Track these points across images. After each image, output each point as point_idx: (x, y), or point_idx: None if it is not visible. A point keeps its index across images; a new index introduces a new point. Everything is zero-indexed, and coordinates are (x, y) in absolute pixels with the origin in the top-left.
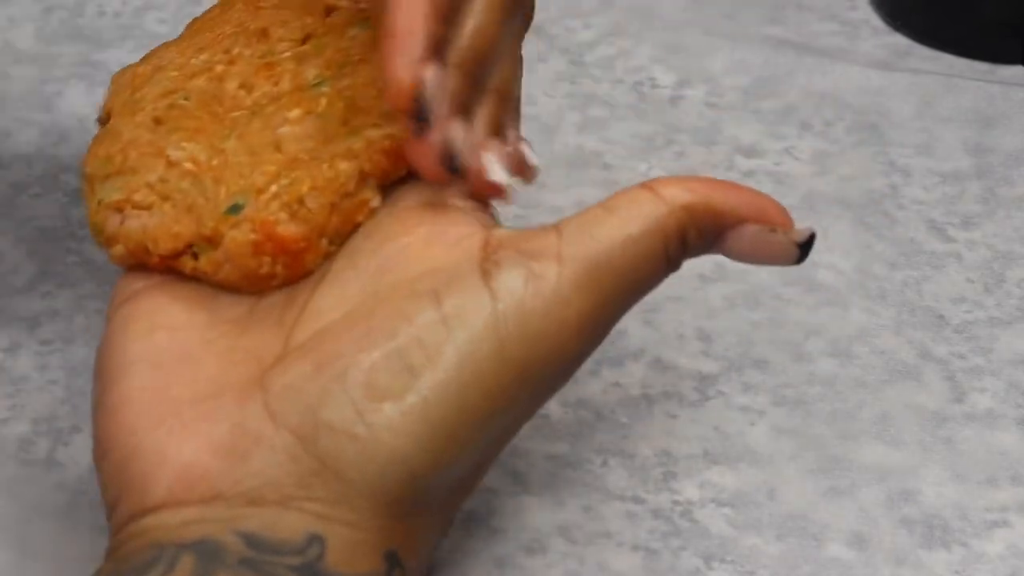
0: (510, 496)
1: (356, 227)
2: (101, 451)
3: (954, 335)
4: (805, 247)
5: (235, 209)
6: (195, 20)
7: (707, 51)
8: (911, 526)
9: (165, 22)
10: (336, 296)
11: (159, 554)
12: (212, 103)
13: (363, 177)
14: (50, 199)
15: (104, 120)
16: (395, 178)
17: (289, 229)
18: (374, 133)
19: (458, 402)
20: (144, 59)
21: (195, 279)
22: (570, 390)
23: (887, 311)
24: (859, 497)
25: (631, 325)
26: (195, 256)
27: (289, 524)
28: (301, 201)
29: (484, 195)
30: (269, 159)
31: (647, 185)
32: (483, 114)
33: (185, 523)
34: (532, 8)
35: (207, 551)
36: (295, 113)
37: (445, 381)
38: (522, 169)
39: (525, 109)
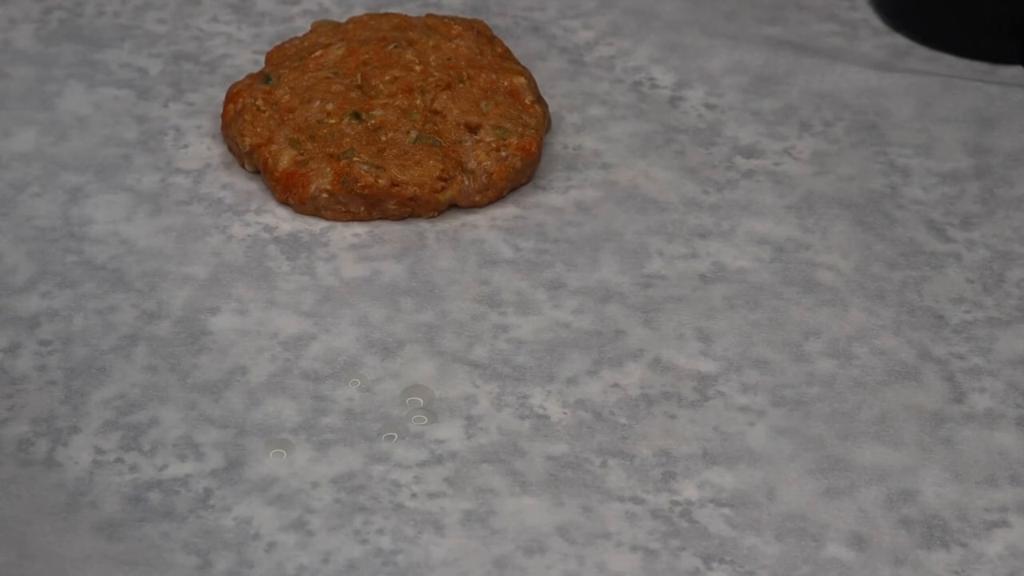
0: (510, 496)
1: None
2: None
3: (953, 335)
4: None
5: None
6: None
7: (707, 51)
8: (910, 526)
9: (164, 22)
10: None
11: None
12: None
13: None
14: (49, 198)
15: None
16: None
17: None
18: None
19: None
20: None
21: None
22: (570, 390)
23: (886, 311)
24: (858, 497)
25: (631, 325)
26: None
27: None
28: None
29: None
30: None
31: None
32: None
33: None
34: None
35: None
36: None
37: None
38: None
39: None
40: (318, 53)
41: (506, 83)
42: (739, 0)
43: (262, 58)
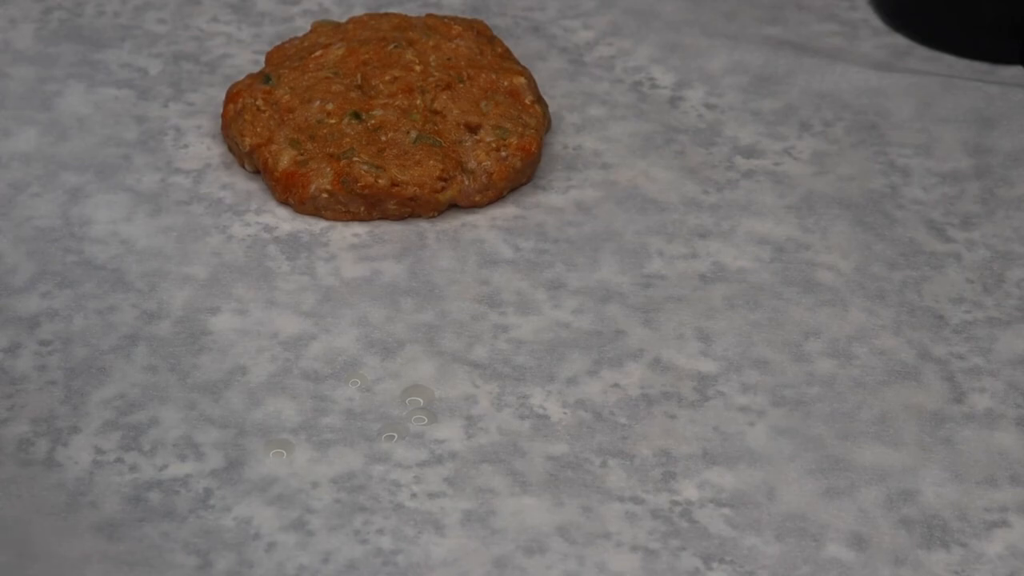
0: (510, 496)
1: None
2: None
3: (953, 335)
4: None
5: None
6: None
7: (707, 51)
8: (910, 526)
9: (164, 22)
10: None
11: None
12: None
13: None
14: (49, 198)
15: None
16: None
17: None
18: None
19: None
20: None
21: None
22: (570, 390)
23: (886, 311)
24: (858, 497)
25: (631, 325)
26: None
27: None
28: None
29: None
30: None
31: None
32: None
33: None
34: None
35: None
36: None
37: None
38: None
39: None
40: (318, 53)
41: (506, 83)
42: (739, 0)
43: (262, 58)
